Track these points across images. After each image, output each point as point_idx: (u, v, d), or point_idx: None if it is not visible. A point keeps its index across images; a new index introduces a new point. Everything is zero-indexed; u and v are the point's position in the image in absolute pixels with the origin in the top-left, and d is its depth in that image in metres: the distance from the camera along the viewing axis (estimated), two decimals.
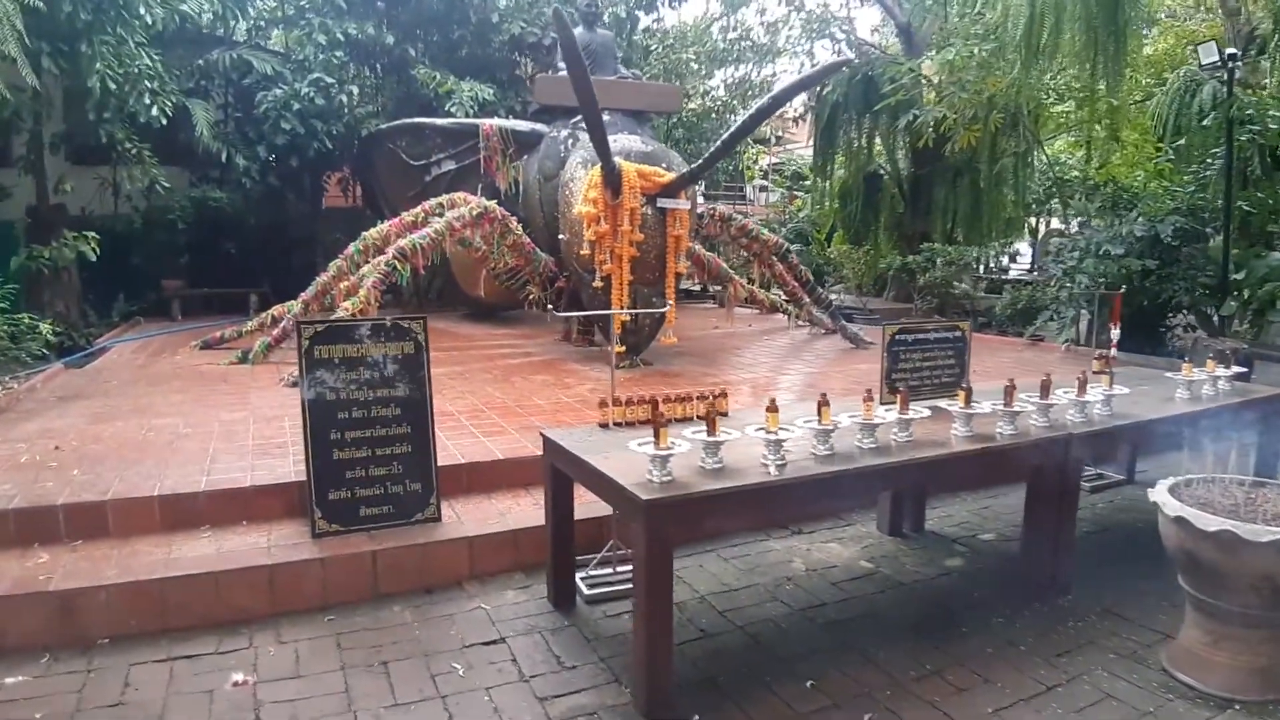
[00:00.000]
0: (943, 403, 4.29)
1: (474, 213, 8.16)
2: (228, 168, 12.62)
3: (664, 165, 8.13)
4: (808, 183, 20.96)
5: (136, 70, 9.75)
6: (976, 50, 10.84)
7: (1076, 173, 14.76)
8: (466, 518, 4.57)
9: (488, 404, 6.51)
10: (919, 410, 3.93)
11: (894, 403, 3.94)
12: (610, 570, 4.31)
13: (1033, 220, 18.63)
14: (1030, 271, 19.46)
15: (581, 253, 7.96)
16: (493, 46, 14.21)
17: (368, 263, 8.65)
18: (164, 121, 10.37)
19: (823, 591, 4.18)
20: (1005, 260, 19.10)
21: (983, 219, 15.69)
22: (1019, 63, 10.72)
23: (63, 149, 11.35)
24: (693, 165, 7.97)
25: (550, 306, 9.64)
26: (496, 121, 9.83)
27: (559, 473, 3.94)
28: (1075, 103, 13.33)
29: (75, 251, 9.37)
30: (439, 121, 11.36)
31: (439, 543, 4.26)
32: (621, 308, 7.94)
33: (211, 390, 6.97)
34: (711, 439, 3.41)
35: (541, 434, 4.05)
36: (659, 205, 7.98)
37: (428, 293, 13.64)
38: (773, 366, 8.68)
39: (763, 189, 27.35)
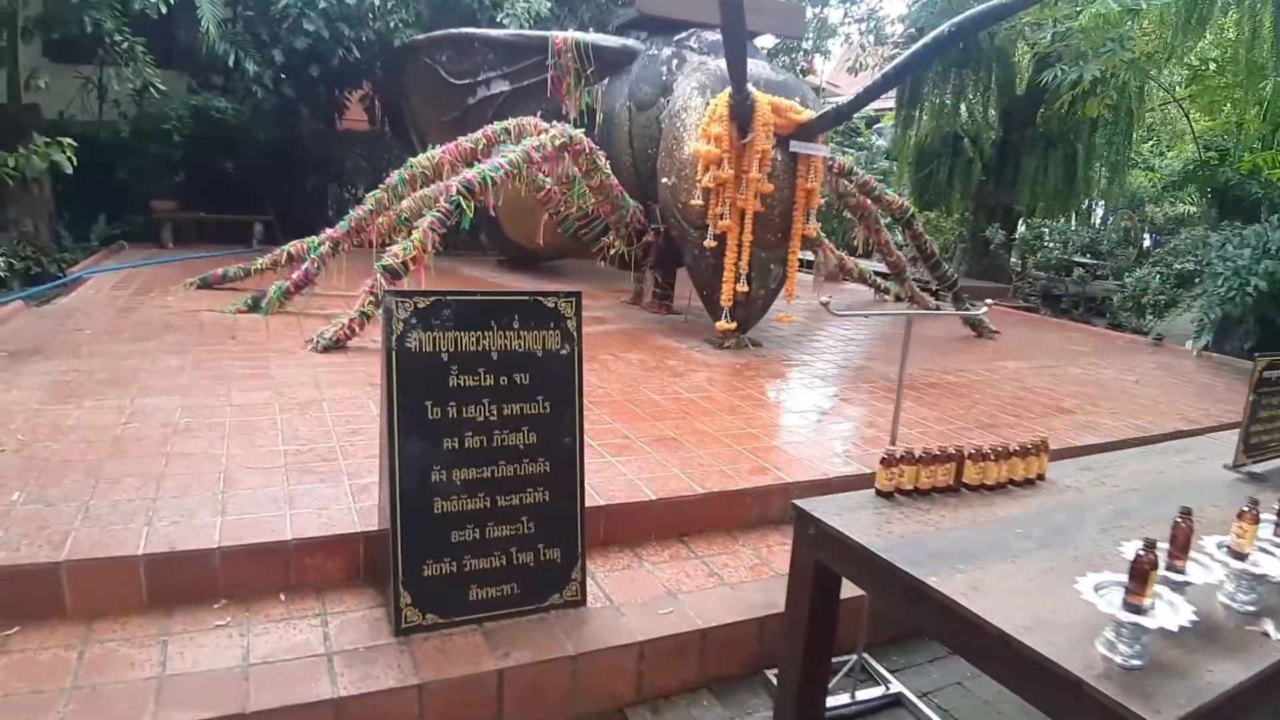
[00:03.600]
0: None
1: (556, 142, 6.45)
2: (234, 74, 10.77)
3: (798, 99, 6.44)
4: (861, 139, 19.17)
5: None
6: (1144, 3, 9.10)
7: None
8: (620, 597, 2.98)
9: (589, 396, 4.88)
10: None
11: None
12: (849, 699, 2.79)
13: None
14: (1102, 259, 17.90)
15: (691, 202, 6.30)
16: None
17: (412, 195, 7.09)
18: (163, 11, 8.55)
19: None
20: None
21: (1075, 194, 14.12)
22: (1177, 25, 9.02)
23: (38, 39, 9.45)
24: (839, 102, 6.27)
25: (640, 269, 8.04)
26: (574, 34, 8.05)
27: (826, 572, 2.36)
28: (1230, 75, 11.54)
29: (47, 160, 7.54)
30: (495, 33, 9.54)
31: (596, 653, 2.67)
32: (737, 274, 6.31)
33: (217, 352, 5.30)
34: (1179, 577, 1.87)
35: (794, 507, 2.45)
36: (791, 150, 6.31)
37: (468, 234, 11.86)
38: (925, 361, 7.01)
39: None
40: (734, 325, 6.46)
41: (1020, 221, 15.33)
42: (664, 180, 6.65)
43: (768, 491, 3.68)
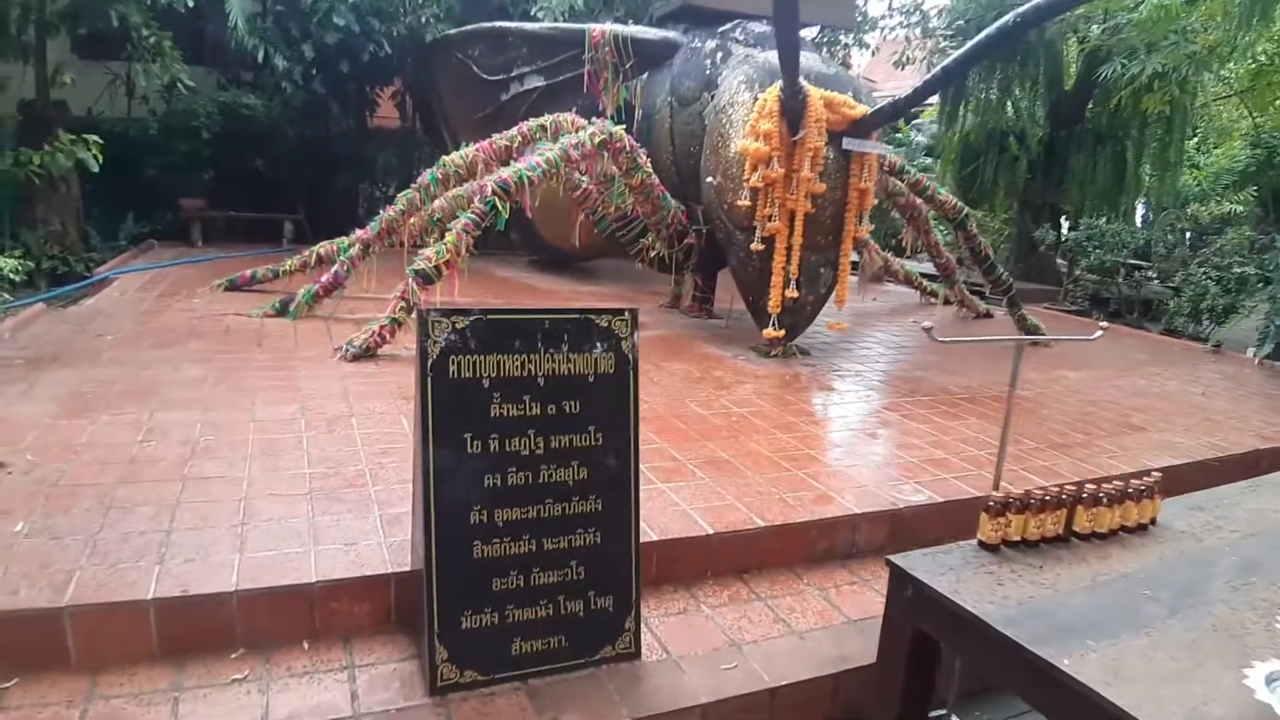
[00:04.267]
0: None
1: (596, 139, 6.15)
2: (264, 70, 10.58)
3: (850, 93, 6.09)
4: (900, 135, 18.65)
5: None
6: None
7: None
8: (677, 648, 2.69)
9: None
10: None
11: None
12: None
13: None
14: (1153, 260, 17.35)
15: (738, 203, 5.98)
16: None
17: (445, 195, 6.84)
18: (190, 5, 8.35)
19: None
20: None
21: (1125, 194, 13.62)
22: (1240, 16, 8.55)
23: (64, 33, 9.28)
24: (895, 96, 5.92)
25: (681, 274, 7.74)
26: (612, 27, 7.73)
27: (925, 640, 2.05)
28: None
29: (73, 159, 7.38)
30: (530, 26, 9.25)
31: (653, 718, 2.37)
32: (786, 279, 5.99)
33: (242, 360, 5.06)
34: None
35: (889, 562, 2.14)
36: (844, 147, 5.97)
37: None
38: (984, 372, 6.64)
39: None
40: (782, 333, 6.14)
41: (1064, 221, 14.85)
42: (709, 180, 6.33)
43: (833, 524, 3.37)
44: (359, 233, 6.86)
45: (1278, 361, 8.37)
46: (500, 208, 5.68)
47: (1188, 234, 12.75)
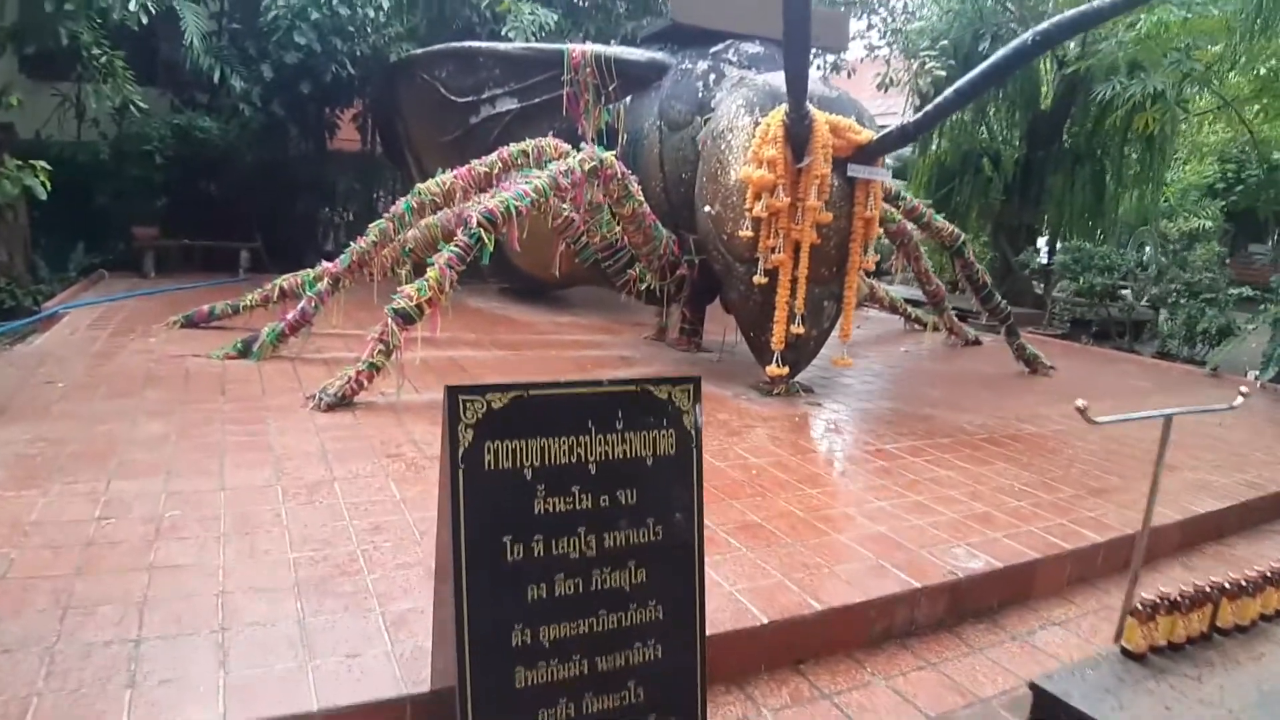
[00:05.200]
0: None
1: (586, 166, 5.77)
2: (220, 91, 10.07)
3: (853, 117, 5.78)
4: None
5: None
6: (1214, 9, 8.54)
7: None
8: None
9: None
10: None
11: None
12: None
13: None
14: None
15: (740, 233, 5.63)
16: None
17: (419, 224, 6.45)
18: (143, 22, 7.84)
19: None
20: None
21: (1104, 214, 13.57)
22: (1245, 31, 8.45)
23: (10, 52, 8.70)
24: (905, 121, 5.63)
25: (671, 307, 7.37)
26: (594, 48, 7.36)
27: None
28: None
29: (20, 186, 6.83)
30: (503, 46, 8.86)
31: None
32: (790, 313, 5.65)
33: (206, 413, 4.57)
34: None
35: (1034, 687, 1.77)
36: (849, 174, 5.66)
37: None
38: (993, 406, 6.38)
39: None
40: (785, 370, 5.79)
41: (1041, 242, 14.78)
42: (706, 209, 5.97)
43: (892, 601, 3.00)
44: (326, 266, 6.42)
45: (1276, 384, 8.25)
46: (486, 240, 5.26)
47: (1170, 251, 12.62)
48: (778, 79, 6.06)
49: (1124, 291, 11.17)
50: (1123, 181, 13.35)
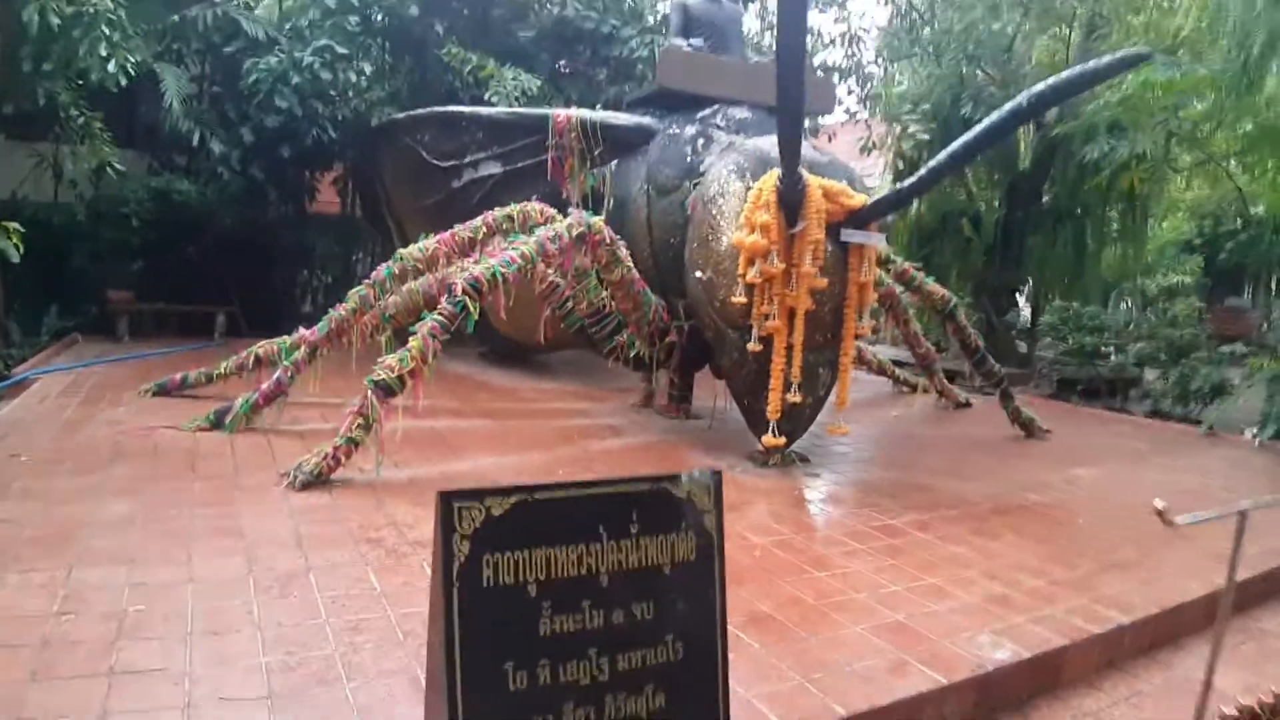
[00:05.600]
0: None
1: (574, 231, 5.63)
2: (198, 154, 9.96)
3: (844, 181, 5.70)
4: None
5: (92, 10, 7.09)
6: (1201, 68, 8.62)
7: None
8: None
9: None
10: None
11: None
12: None
13: None
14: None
15: (732, 300, 5.48)
16: (536, 30, 11.77)
17: (401, 290, 6.29)
18: (122, 84, 7.70)
19: None
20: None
21: (1087, 274, 13.62)
22: (1225, 90, 8.53)
23: None
24: (899, 185, 5.55)
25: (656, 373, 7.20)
26: (579, 112, 7.28)
27: None
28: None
29: None
30: (487, 111, 8.78)
31: None
32: (786, 381, 5.47)
33: (174, 492, 4.31)
34: None
35: None
36: (842, 239, 5.55)
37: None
38: (995, 474, 6.22)
39: None
40: (782, 441, 5.60)
41: (1022, 301, 14.82)
42: (697, 274, 5.82)
43: (919, 702, 2.77)
44: (304, 333, 6.20)
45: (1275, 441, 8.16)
46: (472, 308, 5.07)
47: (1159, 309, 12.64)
48: (768, 144, 5.98)
49: (1109, 350, 11.11)
50: (1105, 240, 13.45)
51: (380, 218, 11.42)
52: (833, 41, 13.59)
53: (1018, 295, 14.11)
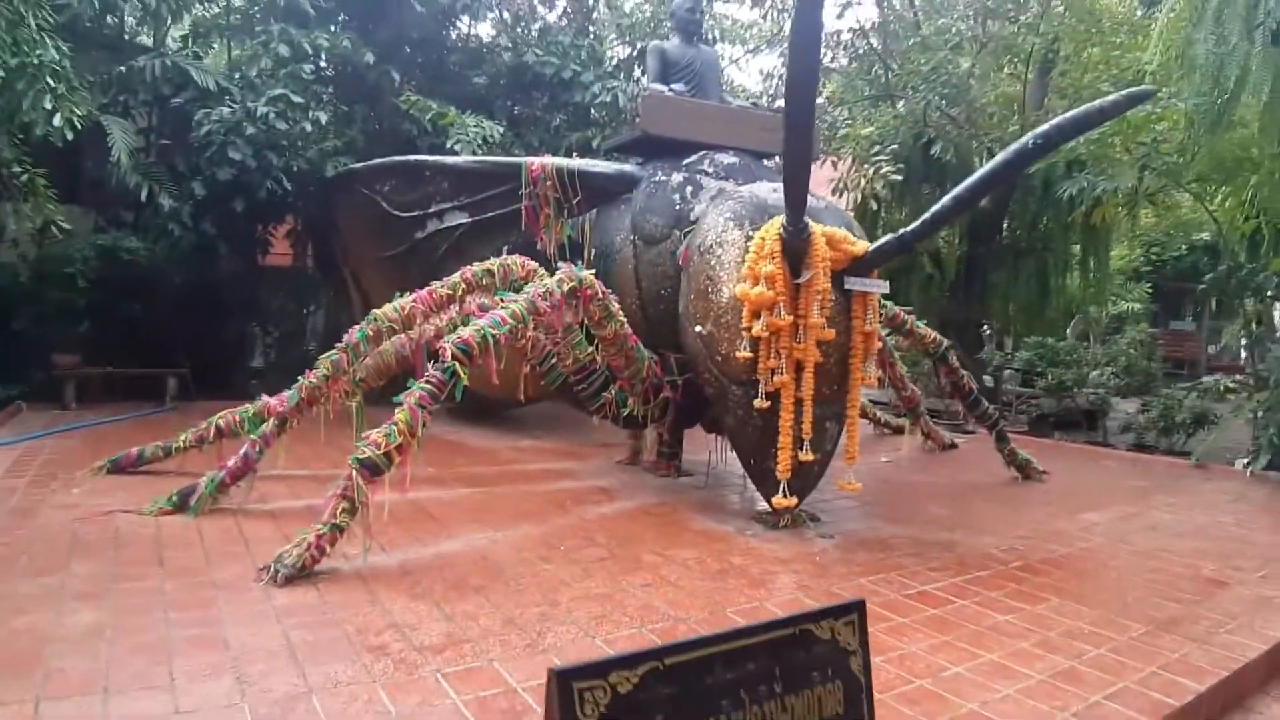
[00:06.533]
0: None
1: (565, 287, 5.32)
2: (146, 209, 9.48)
3: (843, 227, 5.49)
4: None
5: (36, 62, 6.67)
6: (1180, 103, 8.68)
7: None
8: None
9: (666, 634, 3.63)
10: None
11: None
12: None
13: None
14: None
15: (736, 354, 5.20)
16: (493, 77, 11.55)
17: (375, 352, 5.94)
18: (69, 137, 7.25)
19: None
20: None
21: (1049, 308, 13.73)
22: (1199, 124, 8.59)
23: None
24: (902, 230, 5.34)
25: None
26: (554, 160, 6.98)
27: None
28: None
29: None
30: (453, 160, 8.46)
31: None
32: (794, 437, 5.20)
33: (144, 594, 3.87)
34: None
35: None
36: (846, 287, 5.34)
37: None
38: (1006, 523, 6.02)
39: None
40: (794, 501, 5.32)
41: (986, 335, 14.86)
42: (696, 328, 5.54)
43: None
44: (269, 401, 5.77)
45: (1272, 473, 8.14)
46: (462, 374, 4.72)
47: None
48: (762, 190, 5.79)
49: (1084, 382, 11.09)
50: (1067, 272, 13.58)
51: (335, 269, 11.02)
52: None
53: (983, 331, 14.12)
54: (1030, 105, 12.80)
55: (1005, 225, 13.55)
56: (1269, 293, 10.38)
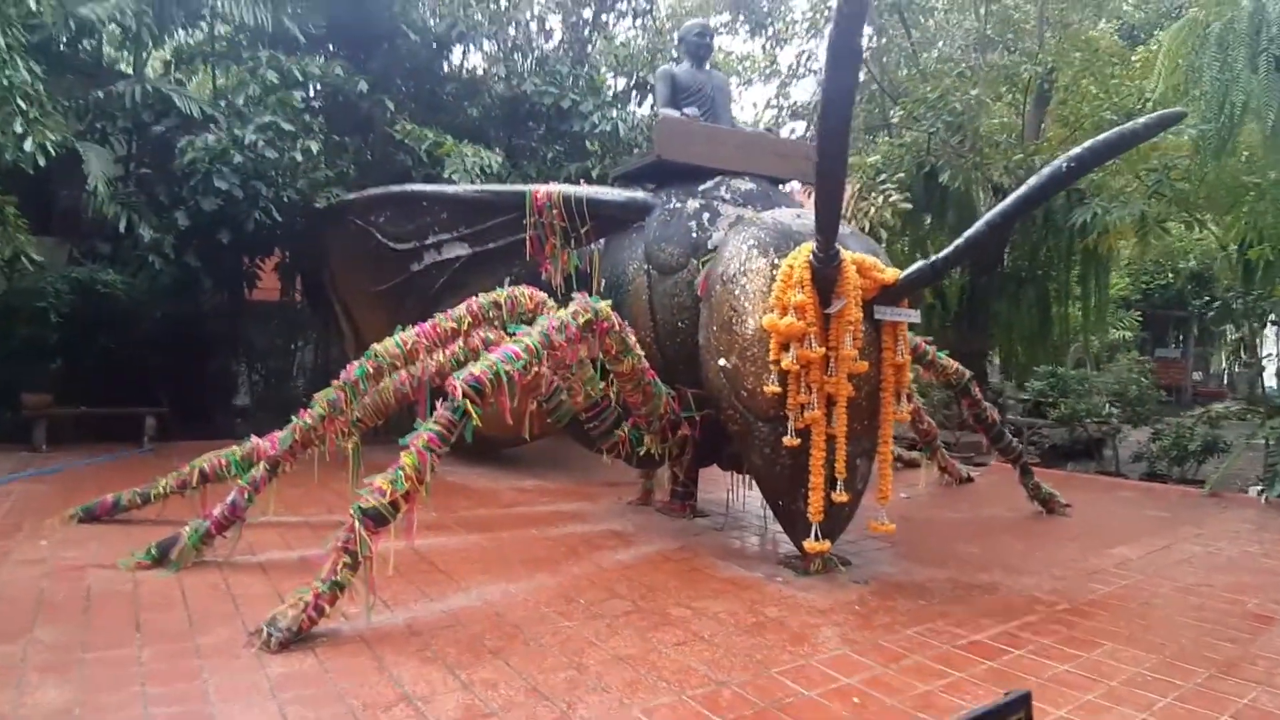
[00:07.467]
0: None
1: (581, 320, 4.97)
2: (125, 240, 9.07)
3: (870, 254, 5.19)
4: None
5: (6, 83, 6.31)
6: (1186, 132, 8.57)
7: None
8: None
9: (701, 700, 3.24)
10: None
11: None
12: None
13: None
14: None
15: (764, 389, 4.86)
16: (486, 107, 11.29)
17: (375, 389, 5.56)
18: (40, 163, 6.89)
19: None
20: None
21: (1050, 336, 13.54)
22: (1203, 150, 8.46)
23: None
24: (934, 256, 5.04)
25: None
26: (560, 188, 6.64)
27: None
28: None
29: None
30: (452, 189, 8.14)
31: None
32: (826, 476, 4.86)
33: (119, 665, 3.45)
34: None
35: None
36: (876, 317, 5.03)
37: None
38: (1042, 562, 5.69)
39: None
40: (827, 545, 4.96)
41: (998, 370, 14.72)
42: (719, 362, 5.19)
43: None
44: (258, 443, 5.39)
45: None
46: (474, 414, 4.35)
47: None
48: (785, 216, 5.51)
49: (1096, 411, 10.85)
50: (1068, 300, 13.43)
51: (325, 303, 10.65)
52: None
53: (987, 361, 13.91)
54: (1028, 134, 12.68)
55: (1006, 254, 13.37)
56: (1271, 317, 10.24)
